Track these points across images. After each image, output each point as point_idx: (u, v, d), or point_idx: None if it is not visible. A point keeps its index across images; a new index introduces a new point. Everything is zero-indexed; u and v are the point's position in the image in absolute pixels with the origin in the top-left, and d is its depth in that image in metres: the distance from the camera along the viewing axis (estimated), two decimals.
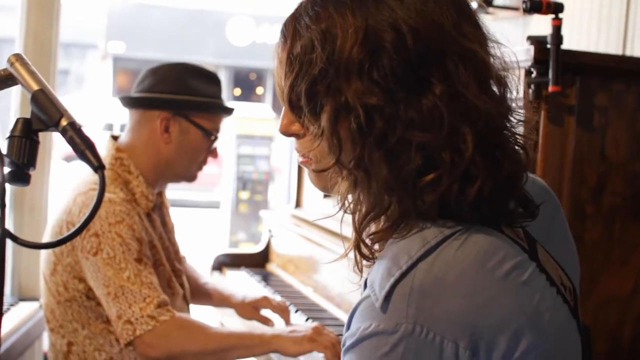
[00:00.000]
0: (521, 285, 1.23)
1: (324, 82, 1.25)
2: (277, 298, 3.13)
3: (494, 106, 1.25)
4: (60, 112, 1.26)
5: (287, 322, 2.87)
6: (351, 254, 1.35)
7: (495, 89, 1.29)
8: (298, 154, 1.40)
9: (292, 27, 1.31)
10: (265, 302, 2.92)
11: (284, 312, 2.90)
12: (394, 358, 1.18)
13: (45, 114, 1.26)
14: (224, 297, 3.05)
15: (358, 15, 1.24)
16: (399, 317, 1.18)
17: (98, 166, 1.26)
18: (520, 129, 1.32)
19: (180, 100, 2.71)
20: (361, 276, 1.35)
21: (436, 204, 1.23)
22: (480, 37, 1.30)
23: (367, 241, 1.32)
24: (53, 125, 1.26)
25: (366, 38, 1.23)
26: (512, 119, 1.30)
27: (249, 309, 2.94)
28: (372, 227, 1.31)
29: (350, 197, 1.32)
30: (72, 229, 1.23)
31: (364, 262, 1.36)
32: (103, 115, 16.59)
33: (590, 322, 1.54)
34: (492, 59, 1.29)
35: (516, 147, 1.30)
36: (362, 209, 1.30)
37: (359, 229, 1.30)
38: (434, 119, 1.21)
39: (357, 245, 1.33)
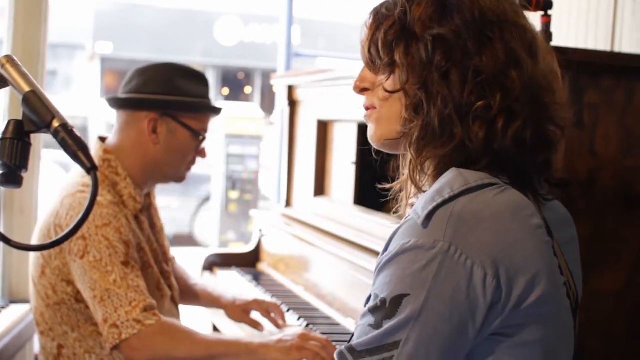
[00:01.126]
0: (544, 241, 1.37)
1: (400, 24, 1.45)
2: (268, 298, 3.13)
3: (536, 72, 1.43)
4: (52, 114, 1.26)
5: (283, 320, 2.85)
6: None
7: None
8: (364, 108, 1.58)
9: None
10: (255, 304, 2.91)
11: (277, 312, 2.88)
12: (428, 273, 1.30)
13: (36, 116, 1.25)
14: (213, 297, 3.03)
15: None
16: (437, 235, 1.32)
17: (91, 167, 1.25)
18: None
19: (168, 100, 2.70)
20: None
21: (483, 142, 1.39)
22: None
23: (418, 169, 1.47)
24: (45, 126, 1.25)
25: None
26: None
27: (239, 312, 2.93)
28: (426, 165, 1.47)
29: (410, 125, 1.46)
30: (65, 231, 1.23)
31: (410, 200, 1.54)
32: (91, 115, 16.52)
33: (581, 318, 1.55)
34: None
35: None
36: (423, 137, 1.44)
37: (416, 152, 1.45)
38: (489, 55, 1.40)
39: (413, 170, 1.47)
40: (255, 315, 2.91)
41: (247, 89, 22.79)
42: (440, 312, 1.29)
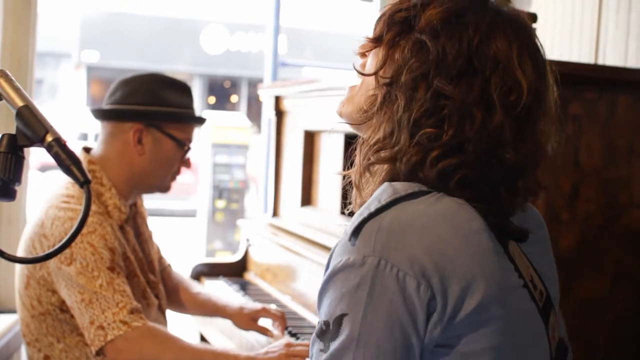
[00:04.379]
0: (486, 246, 1.34)
1: (412, 12, 1.44)
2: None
3: (508, 125, 1.37)
4: (46, 128, 1.27)
5: (281, 333, 2.83)
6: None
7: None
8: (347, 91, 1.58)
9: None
10: (264, 312, 2.88)
11: (282, 321, 2.85)
12: (362, 291, 1.29)
13: (30, 130, 1.27)
14: (219, 307, 2.98)
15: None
16: (367, 250, 1.30)
17: (84, 181, 1.27)
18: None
19: (153, 111, 2.71)
20: None
21: (410, 167, 1.38)
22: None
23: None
24: (38, 141, 1.27)
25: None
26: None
27: (247, 320, 2.88)
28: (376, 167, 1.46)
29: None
30: (58, 245, 1.24)
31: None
32: (77, 125, 16.50)
33: (566, 326, 1.57)
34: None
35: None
36: (376, 135, 1.44)
37: (367, 152, 1.45)
38: (463, 86, 1.36)
39: (363, 170, 1.47)
40: (262, 322, 2.89)
41: (234, 98, 22.80)
42: (380, 329, 1.27)
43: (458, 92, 1.36)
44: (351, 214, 1.49)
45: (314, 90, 3.32)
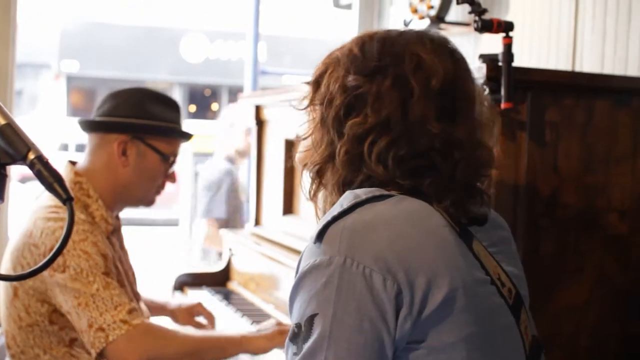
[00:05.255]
0: (449, 241, 1.39)
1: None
2: (239, 317, 3.15)
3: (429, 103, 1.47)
4: (28, 146, 1.28)
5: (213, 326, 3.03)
6: None
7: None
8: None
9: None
10: (199, 307, 3.08)
11: (210, 321, 3.05)
12: (331, 289, 1.32)
13: (12, 148, 1.27)
14: (158, 306, 3.11)
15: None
16: (332, 251, 1.34)
17: (67, 198, 1.27)
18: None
19: (138, 124, 2.73)
20: None
21: (354, 153, 1.46)
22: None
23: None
24: (21, 159, 1.27)
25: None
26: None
27: (186, 315, 3.05)
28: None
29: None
30: (43, 261, 1.25)
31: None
32: (57, 135, 16.44)
33: (547, 333, 1.58)
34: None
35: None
36: (315, 148, 1.54)
37: (307, 163, 1.55)
38: (372, 78, 1.48)
39: (312, 181, 1.57)
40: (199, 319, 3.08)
41: (214, 106, 22.79)
42: (350, 325, 1.30)
43: (372, 82, 1.46)
44: None
45: (294, 99, 3.33)
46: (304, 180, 1.59)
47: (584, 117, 2.40)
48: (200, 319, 3.07)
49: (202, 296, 3.60)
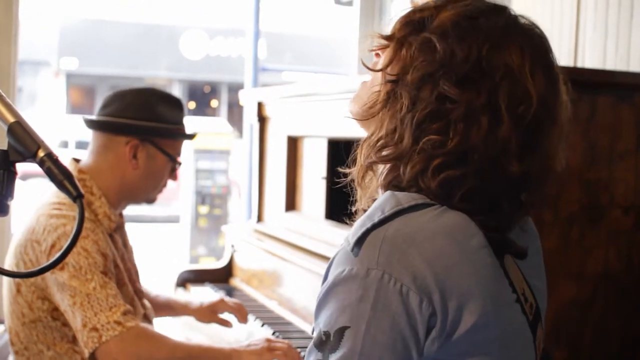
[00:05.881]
0: (486, 263, 1.33)
1: (427, 13, 1.42)
2: None
3: (515, 136, 1.34)
4: (37, 144, 1.28)
5: (244, 321, 3.00)
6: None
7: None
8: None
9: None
10: (222, 304, 3.03)
11: (241, 312, 3.01)
12: (366, 304, 1.27)
13: (22, 146, 1.27)
14: (180, 305, 3.11)
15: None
16: (370, 262, 1.28)
17: (77, 195, 1.28)
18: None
19: (150, 127, 2.73)
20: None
21: (412, 175, 1.35)
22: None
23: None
24: (30, 156, 1.28)
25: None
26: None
27: (208, 313, 3.03)
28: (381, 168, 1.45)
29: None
30: (55, 256, 1.25)
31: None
32: (57, 132, 16.44)
33: (550, 329, 1.58)
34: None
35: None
36: (379, 133, 1.42)
37: (369, 150, 1.43)
38: (470, 92, 1.33)
39: (365, 168, 1.45)
40: (222, 315, 3.04)
41: (214, 103, 22.79)
42: (383, 343, 1.27)
43: (464, 96, 1.33)
44: (344, 215, 1.50)
45: (296, 95, 3.34)
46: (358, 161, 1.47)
47: (587, 112, 2.41)
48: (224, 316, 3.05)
49: (205, 293, 3.61)
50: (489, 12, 1.40)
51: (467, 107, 1.32)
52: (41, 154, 1.27)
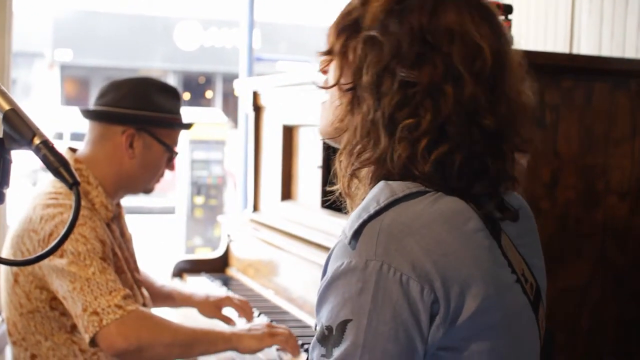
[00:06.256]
0: (483, 246, 1.33)
1: (356, 14, 1.44)
2: None
3: (480, 91, 1.35)
4: (33, 131, 1.27)
5: (250, 320, 2.96)
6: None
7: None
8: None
9: None
10: (227, 301, 3.00)
11: (246, 310, 2.98)
12: (366, 295, 1.27)
13: (17, 133, 1.27)
14: (185, 297, 3.09)
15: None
16: (369, 254, 1.28)
17: (73, 183, 1.27)
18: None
19: (144, 116, 2.73)
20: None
21: (402, 164, 1.35)
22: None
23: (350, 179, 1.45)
24: (26, 144, 1.27)
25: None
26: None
27: (212, 308, 3.01)
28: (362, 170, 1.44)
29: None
30: (51, 245, 1.24)
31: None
32: (52, 124, 16.42)
33: (548, 313, 1.59)
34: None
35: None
36: (354, 140, 1.41)
37: (345, 156, 1.43)
38: (427, 67, 1.34)
39: (343, 177, 1.46)
40: (228, 311, 3.00)
41: (209, 94, 22.78)
42: (385, 334, 1.26)
43: (423, 75, 1.34)
44: (336, 209, 1.49)
45: (291, 84, 3.33)
46: (338, 172, 1.48)
47: (583, 99, 2.41)
48: (228, 312, 3.02)
49: (201, 283, 3.61)
50: None
51: (428, 83, 1.34)
52: (37, 141, 1.27)
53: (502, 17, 2.23)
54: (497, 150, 1.39)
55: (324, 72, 1.53)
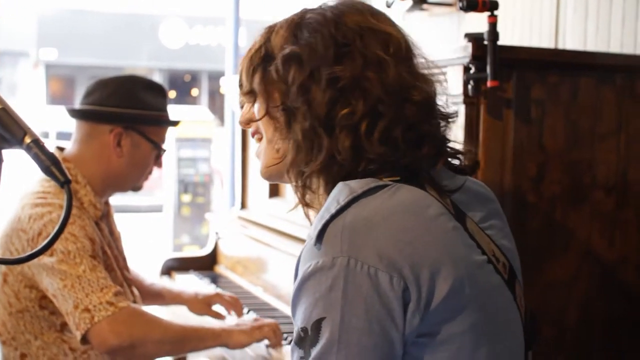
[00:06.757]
0: (448, 229, 1.37)
1: (263, 52, 1.52)
2: None
3: (403, 70, 1.46)
4: (24, 130, 1.28)
5: (239, 316, 2.98)
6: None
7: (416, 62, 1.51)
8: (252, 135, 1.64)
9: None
10: (217, 298, 3.02)
11: (236, 306, 3.00)
12: (336, 292, 1.29)
13: (8, 133, 1.27)
14: (174, 294, 3.10)
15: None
16: (335, 252, 1.31)
17: (65, 181, 1.28)
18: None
19: (134, 114, 2.72)
20: None
21: (351, 151, 1.41)
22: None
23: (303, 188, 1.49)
24: (17, 143, 1.28)
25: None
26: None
27: (202, 305, 3.02)
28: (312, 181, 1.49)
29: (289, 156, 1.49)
30: (43, 243, 1.25)
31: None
32: (37, 123, 16.35)
33: (535, 308, 1.60)
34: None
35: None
36: (300, 153, 1.46)
37: (294, 174, 1.48)
38: (347, 62, 1.43)
39: (298, 192, 1.50)
40: (217, 308, 3.03)
41: (194, 91, 22.73)
42: (359, 328, 1.28)
43: (347, 69, 1.42)
44: None
45: None
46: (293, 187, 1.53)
47: (569, 94, 2.42)
48: (218, 308, 3.04)
49: (190, 280, 3.61)
50: (307, 10, 1.52)
51: (352, 74, 1.42)
52: (28, 140, 1.28)
53: (488, 13, 2.25)
54: (428, 117, 1.46)
55: (249, 120, 1.60)
